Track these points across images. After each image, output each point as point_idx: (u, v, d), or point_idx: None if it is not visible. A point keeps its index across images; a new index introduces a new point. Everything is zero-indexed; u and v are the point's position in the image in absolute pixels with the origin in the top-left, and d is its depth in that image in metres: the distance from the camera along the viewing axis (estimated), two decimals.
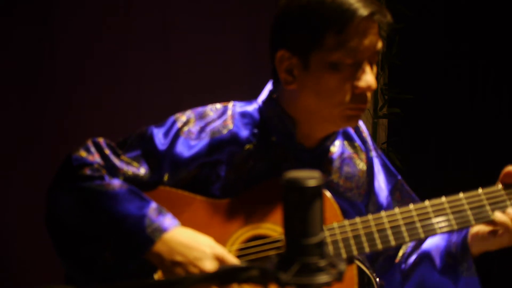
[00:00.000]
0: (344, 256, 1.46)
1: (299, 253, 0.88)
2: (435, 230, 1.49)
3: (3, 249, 2.83)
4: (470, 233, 1.54)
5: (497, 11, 3.59)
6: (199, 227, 1.47)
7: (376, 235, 1.48)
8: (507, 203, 1.49)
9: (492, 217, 1.48)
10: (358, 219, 1.49)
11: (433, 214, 1.49)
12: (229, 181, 1.54)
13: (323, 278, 0.87)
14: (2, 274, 2.83)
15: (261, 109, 1.59)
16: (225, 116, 1.57)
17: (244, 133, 1.56)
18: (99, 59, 2.97)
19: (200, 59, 3.16)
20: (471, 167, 3.69)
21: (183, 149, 1.53)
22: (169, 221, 1.43)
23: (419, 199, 1.66)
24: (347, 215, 1.56)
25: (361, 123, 1.71)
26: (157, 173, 1.52)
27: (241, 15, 3.28)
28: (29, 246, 2.79)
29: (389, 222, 1.49)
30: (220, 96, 1.83)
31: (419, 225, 1.48)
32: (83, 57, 2.94)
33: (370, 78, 1.46)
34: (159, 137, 1.53)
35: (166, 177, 1.53)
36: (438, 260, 1.59)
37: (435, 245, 1.61)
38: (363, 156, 1.68)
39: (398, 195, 1.70)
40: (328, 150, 1.62)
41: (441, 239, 1.61)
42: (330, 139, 1.61)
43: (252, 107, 1.60)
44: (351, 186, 1.64)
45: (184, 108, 1.61)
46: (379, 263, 1.68)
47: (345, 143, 1.66)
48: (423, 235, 1.48)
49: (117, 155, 1.52)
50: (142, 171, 1.52)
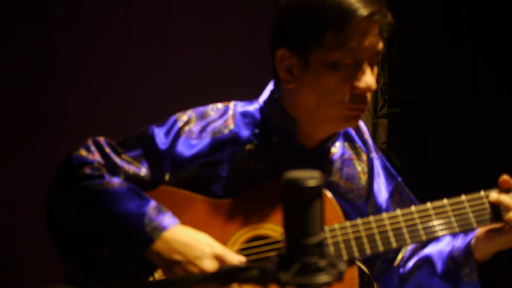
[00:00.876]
0: (345, 257, 1.46)
1: (299, 253, 0.88)
2: (436, 232, 1.48)
3: (3, 249, 2.83)
4: (475, 237, 1.53)
5: (498, 11, 3.58)
6: (199, 226, 1.47)
7: (377, 237, 1.47)
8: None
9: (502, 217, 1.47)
10: (359, 221, 1.49)
11: (435, 216, 1.49)
12: (229, 181, 1.54)
13: (323, 278, 0.87)
14: (2, 274, 2.83)
15: (262, 109, 1.59)
16: (226, 116, 1.57)
17: (245, 133, 1.56)
18: (99, 59, 2.97)
19: (200, 59, 3.16)
20: (471, 167, 3.69)
21: (184, 148, 1.52)
22: (168, 219, 1.43)
23: (419, 202, 1.66)
24: (348, 216, 1.56)
25: (362, 124, 1.71)
26: (158, 173, 1.52)
27: (241, 15, 3.28)
28: (29, 246, 2.79)
29: (391, 224, 1.48)
30: (220, 96, 1.83)
31: (420, 227, 1.48)
32: (83, 57, 2.94)
33: (369, 79, 1.46)
34: (160, 136, 1.53)
35: (167, 177, 1.53)
36: (439, 265, 1.58)
37: (438, 250, 1.60)
38: (364, 157, 1.68)
39: (398, 198, 1.70)
40: (328, 150, 1.62)
41: (446, 245, 1.60)
42: (331, 140, 1.61)
43: (253, 107, 1.60)
44: (351, 187, 1.64)
45: (184, 108, 1.61)
46: (377, 265, 1.68)
47: (346, 144, 1.66)
48: (424, 237, 1.48)
49: (118, 154, 1.52)
50: (143, 170, 1.52)
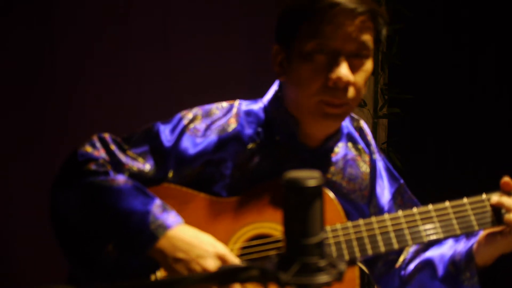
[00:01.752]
0: (346, 257, 1.46)
1: (299, 253, 0.88)
2: (438, 234, 1.48)
3: (3, 249, 2.83)
4: (476, 241, 1.53)
5: (498, 11, 3.58)
6: (201, 224, 1.48)
7: (379, 238, 1.47)
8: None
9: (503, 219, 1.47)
10: (361, 221, 1.49)
11: (437, 218, 1.49)
12: (232, 180, 1.55)
13: (323, 278, 0.87)
14: (2, 274, 2.83)
15: (266, 108, 1.60)
16: (230, 114, 1.58)
17: (248, 131, 1.57)
18: (99, 59, 2.97)
19: (200, 59, 3.16)
20: (471, 167, 3.69)
21: (189, 145, 1.53)
22: (173, 218, 1.44)
23: (420, 203, 1.66)
24: (350, 217, 1.56)
25: (365, 126, 1.72)
26: (162, 170, 1.53)
27: (241, 15, 3.28)
28: (29, 246, 2.79)
29: (393, 225, 1.48)
30: (219, 96, 1.83)
31: (422, 228, 1.48)
32: (83, 57, 2.94)
33: (343, 71, 1.45)
34: (166, 133, 1.54)
35: (170, 174, 1.53)
36: (441, 268, 1.58)
37: (440, 254, 1.60)
38: (367, 158, 1.68)
39: (400, 200, 1.70)
40: (331, 150, 1.62)
41: (447, 249, 1.60)
42: (332, 140, 1.61)
43: (257, 106, 1.61)
44: (354, 187, 1.64)
45: (183, 108, 1.61)
46: (378, 267, 1.68)
47: (349, 145, 1.66)
48: (425, 239, 1.48)
49: (123, 151, 1.53)
50: (147, 167, 1.52)
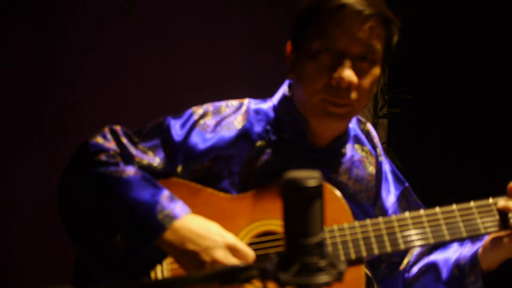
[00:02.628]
0: (353, 256, 1.47)
1: (299, 253, 0.88)
2: (444, 236, 1.48)
3: (3, 249, 2.83)
4: (482, 246, 1.53)
5: (498, 11, 3.59)
6: (208, 220, 1.48)
7: (385, 238, 1.48)
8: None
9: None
10: (368, 221, 1.49)
11: (443, 221, 1.49)
12: (240, 177, 1.55)
13: (323, 278, 0.87)
14: (2, 274, 2.83)
15: (275, 107, 1.62)
16: (240, 112, 1.60)
17: (256, 129, 1.58)
18: (99, 59, 2.97)
19: (200, 59, 3.16)
20: (471, 167, 3.69)
21: (198, 141, 1.55)
22: (180, 208, 1.44)
23: (425, 207, 1.66)
24: (355, 218, 1.56)
25: (372, 129, 1.73)
26: (171, 164, 1.54)
27: (241, 15, 3.28)
28: (29, 246, 2.79)
29: (399, 226, 1.49)
30: (219, 96, 1.83)
31: (428, 230, 1.48)
32: (83, 57, 2.94)
33: (346, 72, 1.46)
34: (176, 128, 1.56)
35: (179, 169, 1.54)
36: (445, 271, 1.58)
37: (445, 257, 1.61)
38: (373, 160, 1.69)
39: (404, 203, 1.70)
40: (338, 151, 1.63)
41: (452, 252, 1.61)
42: (340, 140, 1.62)
43: (267, 105, 1.63)
44: (360, 188, 1.64)
45: (183, 108, 1.62)
46: (381, 269, 1.68)
47: (356, 146, 1.67)
48: (432, 240, 1.48)
49: (134, 144, 1.55)
50: (156, 160, 1.54)
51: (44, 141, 2.87)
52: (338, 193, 1.53)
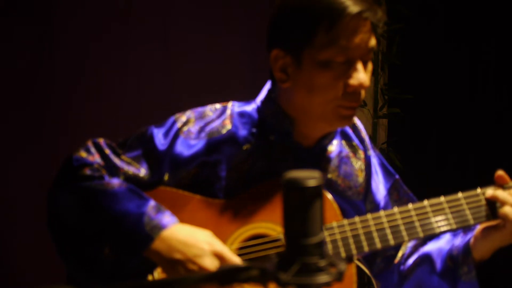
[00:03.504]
0: (343, 255, 1.46)
1: (299, 253, 0.88)
2: (434, 229, 1.49)
3: (3, 249, 2.83)
4: (473, 236, 1.54)
5: (497, 11, 3.58)
6: (198, 226, 1.47)
7: (375, 234, 1.48)
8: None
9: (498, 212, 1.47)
10: (357, 218, 1.49)
11: (432, 213, 1.49)
12: (228, 181, 1.55)
13: (323, 278, 0.87)
14: (2, 274, 2.83)
15: (259, 109, 1.59)
16: (224, 116, 1.57)
17: (242, 132, 1.56)
18: (99, 59, 2.97)
19: (200, 59, 3.16)
20: (471, 167, 3.69)
21: (183, 148, 1.53)
22: (167, 218, 1.44)
23: (417, 199, 1.66)
24: (346, 214, 1.56)
25: (359, 123, 1.71)
26: (157, 173, 1.53)
27: (241, 15, 3.27)
28: (29, 246, 2.79)
29: (388, 221, 1.49)
30: (219, 96, 1.83)
31: (418, 224, 1.48)
32: (83, 57, 2.94)
33: (362, 76, 1.46)
34: (159, 137, 1.54)
35: (166, 177, 1.53)
36: (439, 263, 1.58)
37: (438, 248, 1.60)
38: (361, 155, 1.68)
39: (395, 195, 1.70)
40: (326, 149, 1.62)
41: (445, 243, 1.60)
42: (327, 138, 1.61)
43: (250, 107, 1.60)
44: (349, 185, 1.64)
45: (183, 108, 1.61)
46: (376, 263, 1.68)
47: (343, 142, 1.66)
48: (422, 234, 1.48)
49: (118, 155, 1.53)
50: (142, 171, 1.52)
51: (44, 141, 2.87)
52: (327, 194, 1.53)
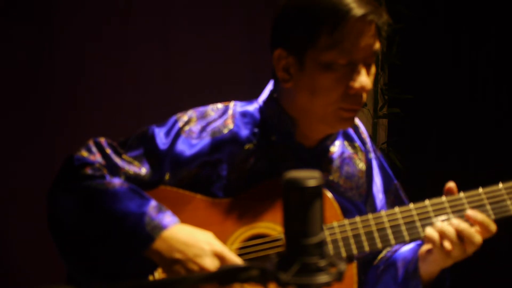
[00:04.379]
0: (344, 254, 1.47)
1: (299, 253, 0.88)
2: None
3: (3, 249, 2.83)
4: (419, 254, 1.52)
5: (498, 11, 3.59)
6: (199, 226, 1.47)
7: (375, 234, 1.48)
8: (508, 202, 1.49)
9: (422, 234, 1.46)
10: (358, 218, 1.49)
11: (433, 213, 1.49)
12: (229, 181, 1.55)
13: (323, 278, 0.87)
14: (2, 274, 2.83)
15: (261, 109, 1.59)
16: (226, 115, 1.57)
17: (244, 132, 1.56)
18: (99, 59, 2.97)
19: (200, 59, 3.16)
20: (472, 167, 3.69)
21: (184, 148, 1.53)
22: (168, 218, 1.44)
23: (416, 200, 1.66)
24: (348, 214, 1.56)
25: (360, 124, 1.71)
26: (158, 173, 1.53)
27: (241, 15, 3.28)
28: (29, 246, 2.79)
29: (389, 221, 1.49)
30: (219, 96, 1.83)
31: (419, 224, 1.48)
32: (83, 57, 2.94)
33: (364, 79, 1.46)
34: (160, 136, 1.54)
35: (167, 177, 1.53)
36: (401, 271, 1.57)
37: (404, 255, 1.59)
38: (363, 156, 1.68)
39: (392, 199, 1.70)
40: (327, 149, 1.62)
41: (411, 251, 1.58)
42: (330, 139, 1.61)
43: (252, 107, 1.60)
44: (351, 185, 1.64)
45: (183, 108, 1.61)
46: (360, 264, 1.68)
47: (345, 143, 1.66)
48: (423, 234, 1.48)
49: (119, 155, 1.53)
50: (143, 170, 1.52)
51: (44, 141, 2.87)
52: (328, 194, 1.53)
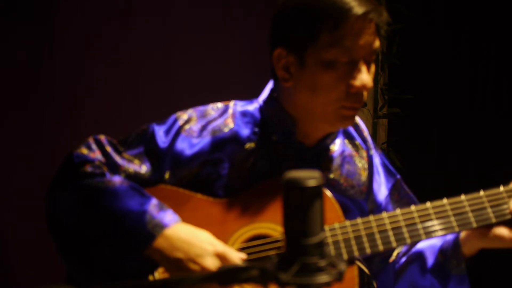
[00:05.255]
0: (345, 256, 1.46)
1: (299, 253, 0.88)
2: (436, 232, 1.48)
3: (3, 249, 2.83)
4: (466, 231, 1.54)
5: (497, 11, 3.59)
6: (199, 226, 1.47)
7: (377, 236, 1.48)
8: (509, 204, 1.49)
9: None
10: (359, 220, 1.49)
11: (435, 215, 1.49)
12: (230, 180, 1.54)
13: (323, 278, 0.87)
14: (2, 274, 2.83)
15: (261, 108, 1.59)
16: (226, 115, 1.57)
17: (244, 131, 1.56)
18: (99, 59, 2.97)
19: (200, 59, 3.16)
20: (471, 167, 3.69)
21: (185, 147, 1.53)
22: (169, 217, 1.43)
23: (417, 200, 1.66)
24: (349, 213, 1.56)
25: (360, 122, 1.71)
26: (158, 171, 1.52)
27: (241, 15, 3.28)
28: (29, 246, 2.79)
29: (391, 223, 1.49)
30: (219, 96, 1.83)
31: (420, 226, 1.48)
32: (83, 57, 2.94)
33: (365, 77, 1.46)
34: (160, 135, 1.54)
35: (167, 175, 1.53)
36: (431, 259, 1.59)
37: (430, 245, 1.61)
38: (364, 154, 1.68)
39: (396, 195, 1.70)
40: (328, 148, 1.62)
41: (438, 239, 1.60)
42: (330, 138, 1.61)
43: (253, 106, 1.60)
44: (352, 184, 1.64)
45: (183, 107, 1.61)
46: (375, 263, 1.68)
47: (346, 141, 1.66)
48: (424, 237, 1.48)
49: (119, 153, 1.53)
50: (143, 168, 1.52)
51: (44, 141, 2.87)
52: (328, 193, 1.53)
